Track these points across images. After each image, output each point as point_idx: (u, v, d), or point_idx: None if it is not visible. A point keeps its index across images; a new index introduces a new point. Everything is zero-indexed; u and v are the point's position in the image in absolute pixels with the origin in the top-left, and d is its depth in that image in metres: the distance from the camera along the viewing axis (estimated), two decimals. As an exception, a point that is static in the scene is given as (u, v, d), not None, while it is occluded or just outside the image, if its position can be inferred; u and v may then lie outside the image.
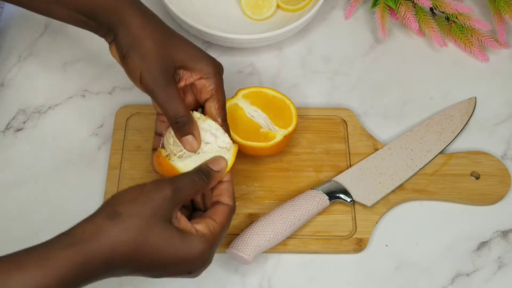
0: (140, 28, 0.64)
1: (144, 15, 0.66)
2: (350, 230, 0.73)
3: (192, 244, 0.57)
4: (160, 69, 0.64)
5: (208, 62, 0.67)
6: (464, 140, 0.81)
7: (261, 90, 0.76)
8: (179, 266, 0.58)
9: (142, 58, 0.63)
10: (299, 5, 0.90)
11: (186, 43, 0.67)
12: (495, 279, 0.71)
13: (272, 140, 0.72)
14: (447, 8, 0.87)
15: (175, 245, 0.56)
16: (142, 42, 0.64)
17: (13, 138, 0.79)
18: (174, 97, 0.64)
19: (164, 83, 0.63)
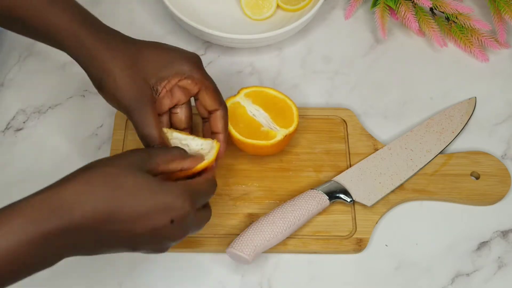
0: (106, 58, 0.64)
1: (106, 40, 0.65)
2: (350, 230, 0.73)
3: (170, 188, 0.57)
4: (133, 95, 0.64)
5: (182, 62, 0.67)
6: (464, 140, 0.81)
7: (263, 90, 0.76)
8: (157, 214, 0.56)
9: (115, 88, 0.64)
10: (299, 5, 0.90)
11: (155, 51, 0.67)
12: (495, 279, 0.71)
13: (272, 139, 0.72)
14: (447, 8, 0.87)
15: (152, 188, 0.56)
16: (111, 73, 0.64)
17: (13, 138, 0.79)
18: (148, 124, 0.64)
19: (138, 109, 0.64)
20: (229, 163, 0.77)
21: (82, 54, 0.65)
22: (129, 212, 0.55)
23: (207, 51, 0.89)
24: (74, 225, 0.52)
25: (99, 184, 0.54)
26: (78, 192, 0.53)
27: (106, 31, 0.67)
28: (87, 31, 0.65)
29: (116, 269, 0.70)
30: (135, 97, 0.64)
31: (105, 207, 0.54)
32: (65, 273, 0.69)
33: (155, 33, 0.90)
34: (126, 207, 0.54)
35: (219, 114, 0.68)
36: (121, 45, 0.66)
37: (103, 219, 0.54)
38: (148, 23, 0.91)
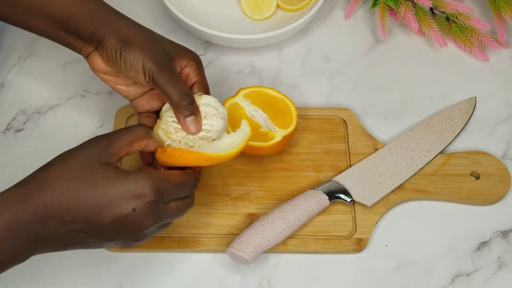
0: (126, 28, 0.67)
1: (125, 19, 0.68)
2: (350, 230, 0.73)
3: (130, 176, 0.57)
4: (160, 55, 0.66)
5: (189, 52, 0.69)
6: (464, 140, 0.81)
7: (262, 90, 0.76)
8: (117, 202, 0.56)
9: (141, 48, 0.65)
10: (299, 5, 0.90)
11: (166, 38, 0.69)
12: (495, 279, 0.71)
13: (271, 140, 0.72)
14: (447, 8, 0.87)
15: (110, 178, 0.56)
16: (134, 37, 0.66)
17: (13, 138, 0.79)
18: (178, 78, 0.65)
19: (166, 66, 0.65)
20: (229, 163, 0.76)
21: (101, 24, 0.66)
22: (89, 203, 0.55)
23: (207, 51, 0.89)
24: (38, 216, 0.55)
25: (57, 178, 0.56)
26: (39, 187, 0.56)
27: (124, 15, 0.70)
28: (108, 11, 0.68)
29: (116, 269, 0.70)
30: (161, 57, 0.65)
31: (64, 198, 0.55)
32: (65, 273, 0.69)
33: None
34: (84, 197, 0.55)
35: None
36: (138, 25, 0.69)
37: (63, 211, 0.55)
38: (148, 23, 0.91)
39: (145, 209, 0.57)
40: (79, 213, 0.56)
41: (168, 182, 0.59)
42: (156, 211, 0.58)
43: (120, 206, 0.56)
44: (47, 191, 0.55)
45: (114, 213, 0.56)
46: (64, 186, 0.56)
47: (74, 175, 0.56)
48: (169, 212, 0.60)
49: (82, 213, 0.56)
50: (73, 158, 0.58)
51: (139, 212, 0.57)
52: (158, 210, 0.58)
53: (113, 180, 0.56)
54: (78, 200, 0.55)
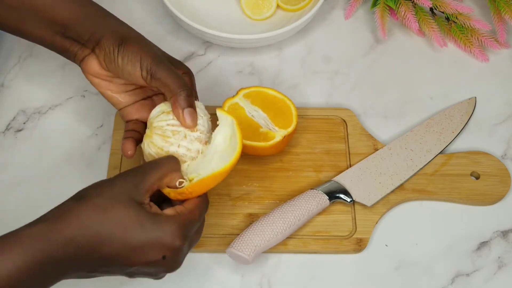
0: (124, 28, 0.67)
1: (123, 22, 0.69)
2: (350, 230, 0.73)
3: (161, 224, 0.57)
4: (157, 51, 0.66)
5: (183, 65, 0.70)
6: (464, 140, 0.81)
7: (262, 90, 0.76)
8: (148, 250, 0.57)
9: (139, 45, 0.65)
10: (299, 5, 0.90)
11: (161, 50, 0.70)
12: (495, 279, 0.71)
13: (271, 140, 0.72)
14: (447, 8, 0.87)
15: (142, 223, 0.56)
16: (132, 35, 0.66)
17: (13, 138, 0.79)
18: (175, 71, 0.65)
19: (163, 60, 0.65)
20: (229, 163, 0.77)
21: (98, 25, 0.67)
22: (119, 245, 0.56)
23: (207, 51, 0.89)
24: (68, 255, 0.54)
25: (89, 218, 0.55)
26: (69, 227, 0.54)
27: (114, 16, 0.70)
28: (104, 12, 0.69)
29: (116, 269, 0.70)
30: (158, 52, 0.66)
31: (97, 238, 0.55)
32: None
33: (155, 33, 0.90)
34: (116, 240, 0.55)
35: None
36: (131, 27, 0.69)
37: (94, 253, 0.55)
38: (148, 23, 0.91)
39: (174, 256, 0.58)
40: (111, 250, 0.55)
41: (191, 223, 0.60)
42: (182, 254, 0.59)
43: (151, 253, 0.57)
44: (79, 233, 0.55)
45: (145, 259, 0.57)
46: (96, 225, 0.55)
47: (107, 215, 0.56)
48: (191, 246, 0.61)
49: (114, 251, 0.56)
50: (105, 196, 0.57)
51: (168, 259, 0.58)
52: (184, 252, 0.59)
53: (145, 226, 0.56)
54: (110, 241, 0.55)
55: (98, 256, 0.55)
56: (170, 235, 0.57)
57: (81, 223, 0.55)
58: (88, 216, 0.55)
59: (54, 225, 0.55)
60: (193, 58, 0.88)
